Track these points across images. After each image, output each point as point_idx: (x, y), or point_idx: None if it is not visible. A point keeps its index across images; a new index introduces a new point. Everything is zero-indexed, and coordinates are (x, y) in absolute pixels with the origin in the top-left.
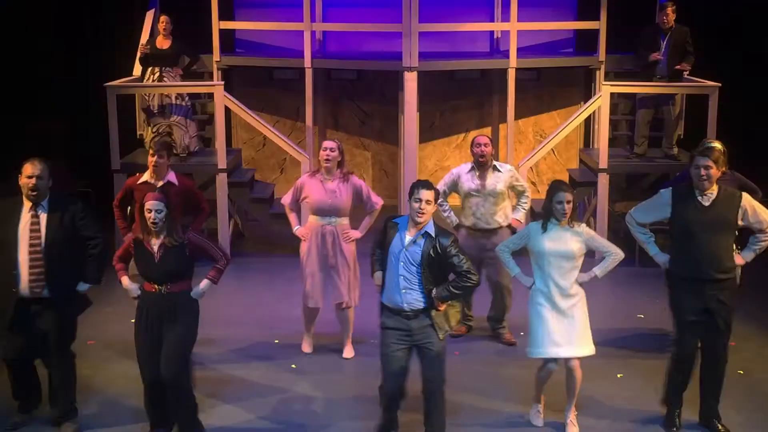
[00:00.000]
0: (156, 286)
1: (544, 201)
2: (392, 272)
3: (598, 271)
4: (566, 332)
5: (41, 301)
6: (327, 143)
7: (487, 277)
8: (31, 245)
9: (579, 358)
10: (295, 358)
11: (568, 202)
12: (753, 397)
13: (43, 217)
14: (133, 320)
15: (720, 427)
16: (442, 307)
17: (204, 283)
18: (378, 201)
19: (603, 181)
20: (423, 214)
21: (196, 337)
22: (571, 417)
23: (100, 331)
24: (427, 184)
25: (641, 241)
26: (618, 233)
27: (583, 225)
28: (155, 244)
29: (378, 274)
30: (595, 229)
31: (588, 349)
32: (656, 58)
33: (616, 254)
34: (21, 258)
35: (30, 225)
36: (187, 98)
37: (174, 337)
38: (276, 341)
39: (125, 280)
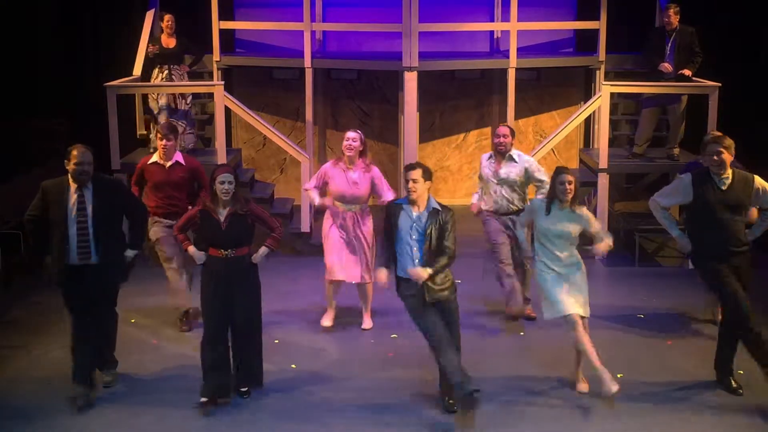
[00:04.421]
0: (222, 251)
1: (549, 184)
2: (403, 245)
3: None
4: (570, 293)
5: (89, 267)
6: (349, 133)
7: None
8: (78, 221)
9: (584, 319)
10: (295, 357)
11: (570, 182)
12: (753, 397)
13: (89, 195)
14: None
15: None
16: (426, 274)
17: (262, 249)
18: (389, 197)
19: (603, 181)
20: (414, 191)
21: (261, 300)
22: (580, 375)
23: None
24: (413, 165)
25: (665, 225)
26: (618, 233)
27: (584, 208)
28: (222, 213)
29: (381, 271)
30: None
31: (587, 311)
32: (667, 69)
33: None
34: (71, 232)
35: (77, 203)
36: (189, 98)
37: (245, 306)
38: (276, 341)
39: (191, 249)
